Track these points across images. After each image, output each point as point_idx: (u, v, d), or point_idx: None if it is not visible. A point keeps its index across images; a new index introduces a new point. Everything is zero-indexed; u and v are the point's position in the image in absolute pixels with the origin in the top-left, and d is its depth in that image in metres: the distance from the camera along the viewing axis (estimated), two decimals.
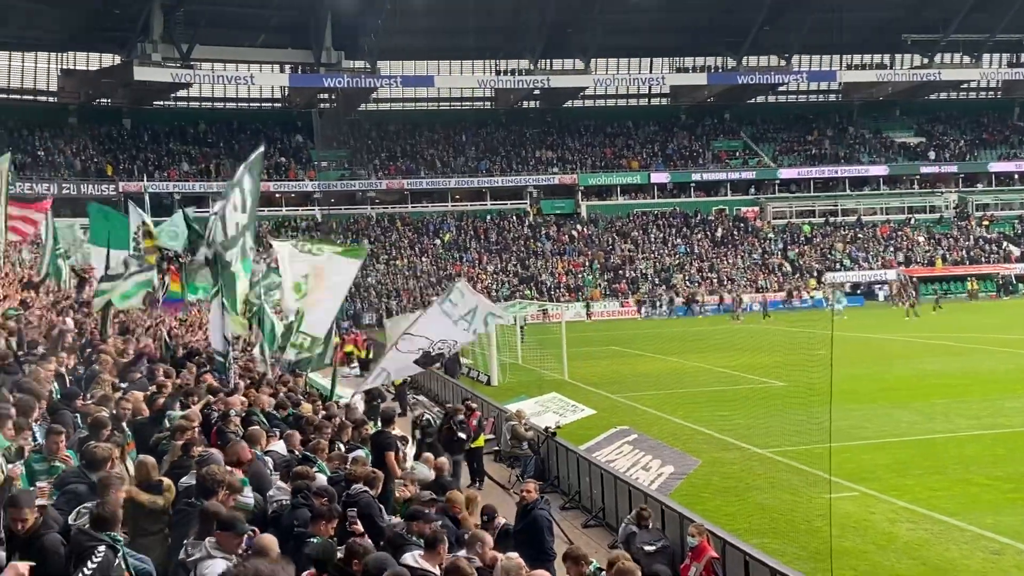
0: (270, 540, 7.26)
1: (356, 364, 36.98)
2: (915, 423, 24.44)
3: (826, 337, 24.82)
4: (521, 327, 44.68)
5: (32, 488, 7.95)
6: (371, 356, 33.64)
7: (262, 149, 19.15)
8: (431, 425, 19.94)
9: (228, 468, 8.82)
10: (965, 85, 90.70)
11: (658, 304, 69.22)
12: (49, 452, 8.81)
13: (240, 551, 7.17)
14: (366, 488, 10.03)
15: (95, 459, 8.24)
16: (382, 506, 10.25)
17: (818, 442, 18.70)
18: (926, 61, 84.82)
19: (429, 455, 14.81)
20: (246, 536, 7.31)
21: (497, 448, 22.32)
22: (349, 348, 32.77)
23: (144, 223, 20.60)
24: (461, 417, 19.30)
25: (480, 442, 20.91)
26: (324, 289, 18.95)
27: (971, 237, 79.85)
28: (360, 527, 8.69)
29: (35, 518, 6.64)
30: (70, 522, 7.08)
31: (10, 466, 8.11)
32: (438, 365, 23.47)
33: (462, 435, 18.91)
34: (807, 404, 19.34)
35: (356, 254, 21.38)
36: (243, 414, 12.70)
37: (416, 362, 16.07)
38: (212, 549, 6.99)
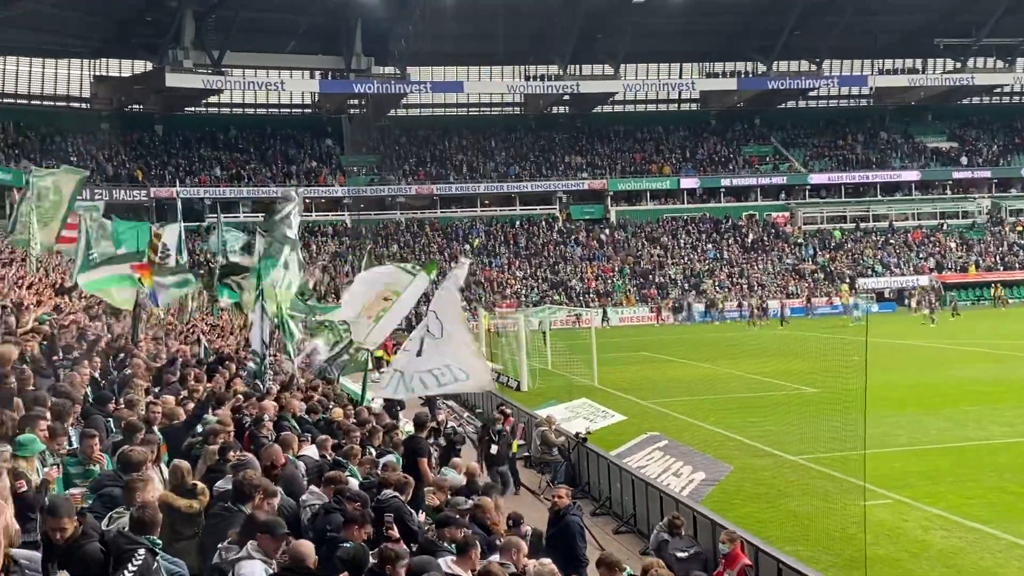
0: (307, 547, 7.28)
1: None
2: (947, 430, 24.22)
3: (860, 343, 24.67)
4: (544, 332, 44.65)
5: (67, 493, 8.00)
6: None
7: (294, 204, 19.50)
8: (455, 433, 19.50)
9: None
10: (998, 89, 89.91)
11: (681, 309, 68.93)
12: (84, 455, 8.87)
13: (279, 555, 7.20)
14: (396, 493, 10.03)
15: (130, 463, 8.30)
16: (412, 511, 10.24)
17: (851, 449, 18.59)
18: (958, 65, 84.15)
19: (459, 460, 14.81)
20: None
21: (527, 454, 22.31)
22: (379, 353, 32.71)
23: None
24: (500, 427, 19.50)
25: (514, 448, 20.95)
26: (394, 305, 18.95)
27: (1004, 243, 79.09)
28: (396, 532, 8.69)
29: (74, 527, 6.55)
30: (103, 527, 7.10)
31: (45, 469, 8.16)
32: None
33: (493, 449, 19.22)
34: (840, 410, 19.20)
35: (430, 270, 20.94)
36: (275, 419, 12.74)
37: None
38: (252, 551, 7.01)
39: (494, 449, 19.26)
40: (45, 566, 6.53)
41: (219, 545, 7.39)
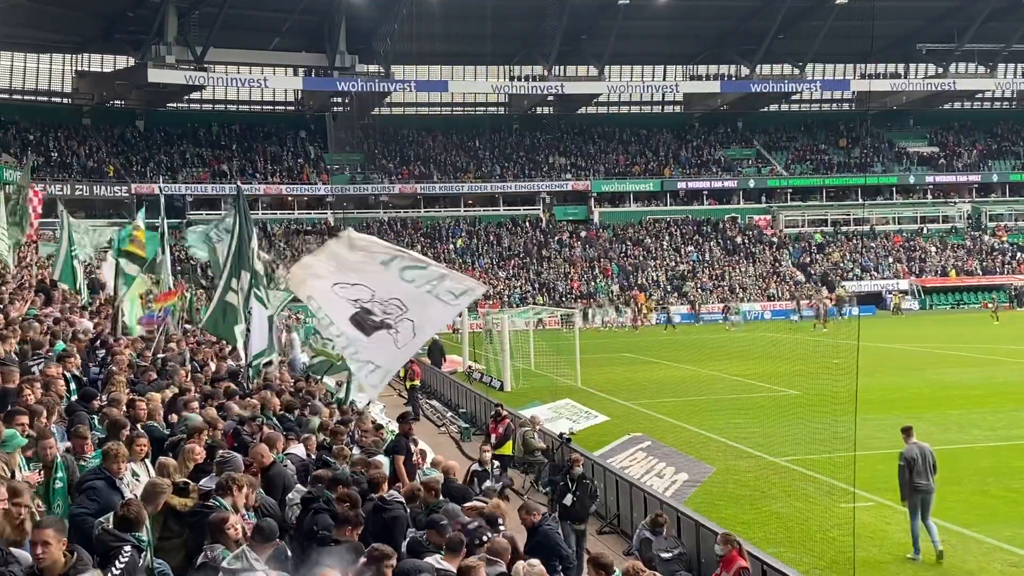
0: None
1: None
2: (930, 433, 24.17)
3: (841, 346, 24.76)
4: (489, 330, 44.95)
5: (23, 476, 7.84)
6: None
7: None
8: (486, 474, 16.13)
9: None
10: (980, 95, 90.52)
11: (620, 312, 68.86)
12: (75, 454, 8.80)
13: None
14: (401, 498, 9.95)
15: (106, 456, 8.22)
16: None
17: (833, 451, 18.67)
18: (940, 71, 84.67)
19: (439, 457, 14.80)
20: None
21: (511, 454, 22.26)
22: (414, 383, 32.06)
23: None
24: (580, 471, 15.55)
25: (508, 449, 20.89)
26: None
27: (984, 248, 79.55)
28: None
29: (61, 551, 6.02)
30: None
31: (27, 474, 8.04)
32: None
33: (568, 499, 15.05)
34: (823, 413, 19.26)
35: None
36: (254, 416, 12.70)
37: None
38: (253, 561, 6.92)
39: (569, 499, 15.03)
40: None
41: (204, 544, 7.31)
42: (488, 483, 15.42)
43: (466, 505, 10.44)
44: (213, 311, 16.94)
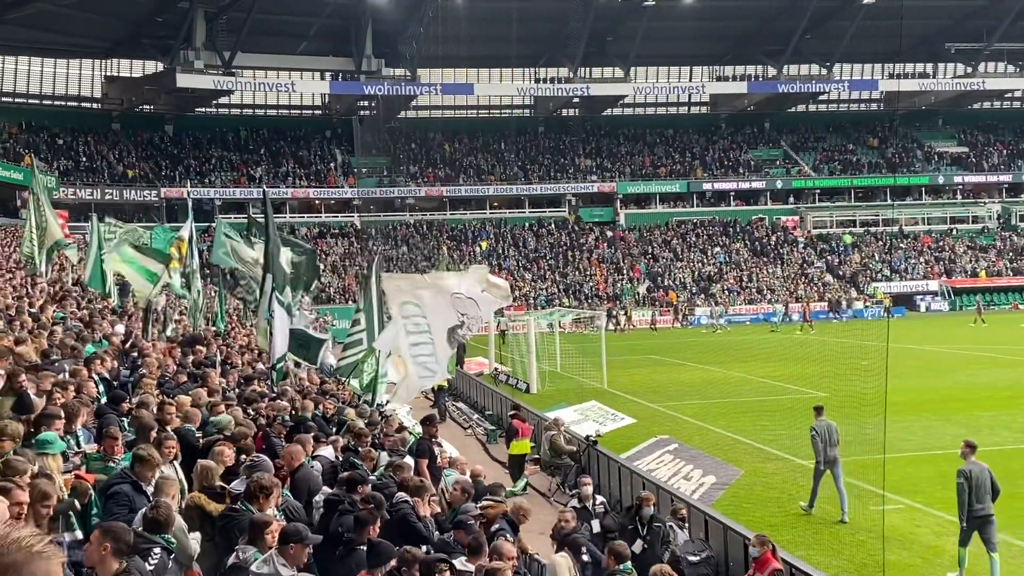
0: None
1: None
2: (959, 435, 24.01)
3: (869, 347, 24.60)
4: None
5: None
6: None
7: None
8: (588, 512, 14.20)
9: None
10: (1009, 94, 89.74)
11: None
12: (106, 454, 8.87)
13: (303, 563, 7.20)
14: (407, 498, 9.98)
15: (138, 459, 8.27)
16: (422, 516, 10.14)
17: (862, 453, 18.55)
18: (969, 70, 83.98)
19: (462, 458, 14.87)
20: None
21: (537, 457, 22.27)
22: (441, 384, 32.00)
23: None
24: (651, 510, 13.96)
25: (526, 448, 20.94)
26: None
27: (1014, 248, 78.85)
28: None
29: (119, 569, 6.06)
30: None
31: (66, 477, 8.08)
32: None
33: (638, 545, 13.27)
34: (852, 415, 19.15)
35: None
36: (294, 420, 12.76)
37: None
38: (280, 567, 6.95)
39: (639, 546, 13.20)
40: None
41: (236, 546, 7.36)
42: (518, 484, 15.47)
43: (480, 504, 10.47)
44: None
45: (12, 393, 9.61)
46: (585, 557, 10.41)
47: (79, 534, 7.14)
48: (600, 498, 15.29)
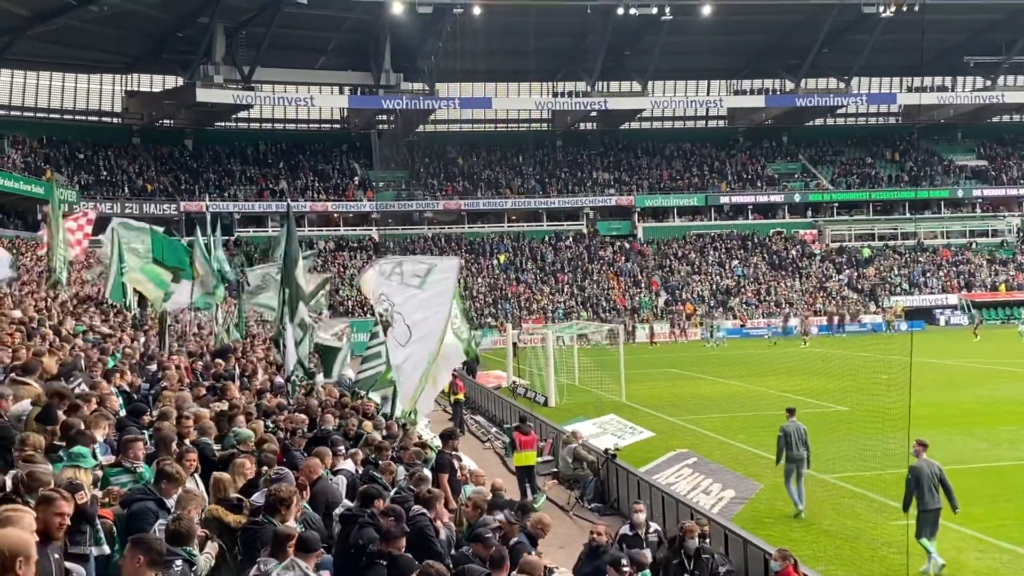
0: None
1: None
2: (980, 450, 23.99)
3: (893, 362, 24.48)
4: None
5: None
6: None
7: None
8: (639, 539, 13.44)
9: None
10: None
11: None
12: (129, 461, 8.90)
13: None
14: (424, 510, 9.96)
15: (164, 475, 8.30)
16: (438, 530, 10.10)
17: (884, 468, 18.45)
18: (988, 83, 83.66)
19: (480, 470, 14.86)
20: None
21: (555, 470, 22.24)
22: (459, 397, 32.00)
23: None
24: (696, 541, 12.79)
25: (531, 459, 20.86)
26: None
27: None
28: None
29: None
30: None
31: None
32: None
33: None
34: (873, 429, 19.06)
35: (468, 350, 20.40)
36: (313, 433, 12.78)
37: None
38: (304, 569, 6.96)
39: None
40: None
41: (258, 559, 7.38)
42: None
43: (498, 517, 10.45)
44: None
45: (39, 406, 9.68)
46: (627, 569, 10.26)
47: (106, 549, 7.18)
48: (654, 525, 14.01)
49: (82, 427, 8.80)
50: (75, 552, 6.81)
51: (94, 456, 8.75)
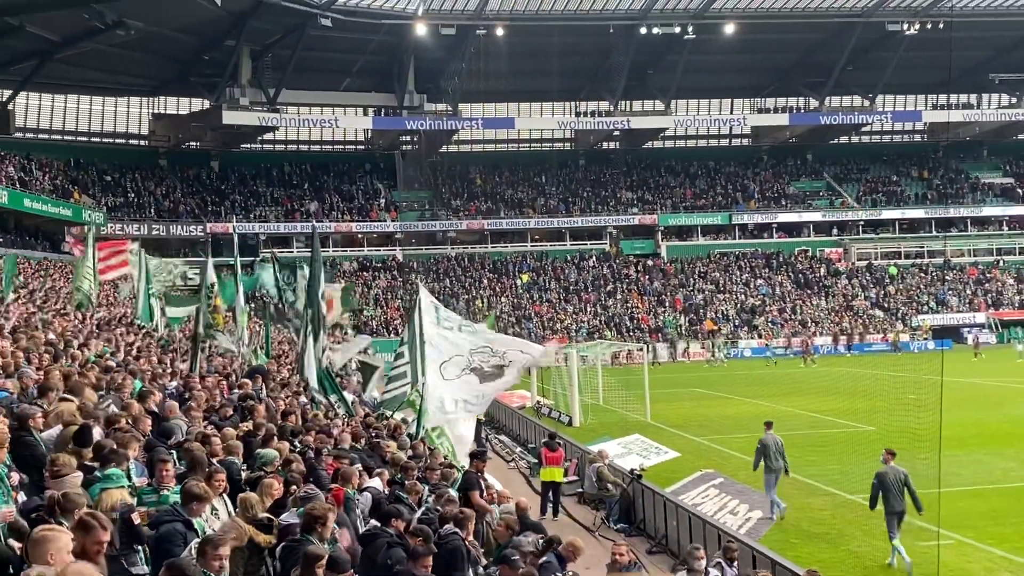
0: None
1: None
2: (1010, 470, 23.76)
3: (922, 382, 24.27)
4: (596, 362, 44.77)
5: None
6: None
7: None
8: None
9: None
10: None
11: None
12: (159, 483, 8.94)
13: None
14: (456, 530, 9.96)
15: (193, 496, 8.32)
16: (470, 550, 10.10)
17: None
18: (1014, 100, 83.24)
19: (505, 490, 14.83)
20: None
21: (580, 490, 22.17)
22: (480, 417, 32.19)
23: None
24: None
25: (559, 476, 20.88)
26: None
27: None
28: None
29: None
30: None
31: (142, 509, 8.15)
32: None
33: None
34: (901, 449, 18.86)
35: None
36: (337, 452, 12.80)
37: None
38: None
39: None
40: None
41: None
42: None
43: (526, 538, 10.43)
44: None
45: (74, 425, 9.73)
46: None
47: (145, 568, 7.23)
48: (715, 573, 12.02)
49: (115, 447, 8.85)
50: (135, 573, 6.87)
51: (128, 477, 8.80)
